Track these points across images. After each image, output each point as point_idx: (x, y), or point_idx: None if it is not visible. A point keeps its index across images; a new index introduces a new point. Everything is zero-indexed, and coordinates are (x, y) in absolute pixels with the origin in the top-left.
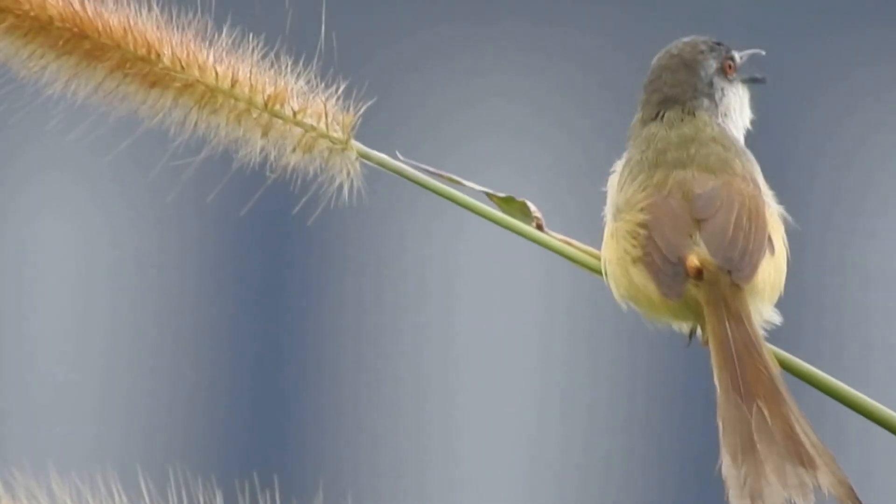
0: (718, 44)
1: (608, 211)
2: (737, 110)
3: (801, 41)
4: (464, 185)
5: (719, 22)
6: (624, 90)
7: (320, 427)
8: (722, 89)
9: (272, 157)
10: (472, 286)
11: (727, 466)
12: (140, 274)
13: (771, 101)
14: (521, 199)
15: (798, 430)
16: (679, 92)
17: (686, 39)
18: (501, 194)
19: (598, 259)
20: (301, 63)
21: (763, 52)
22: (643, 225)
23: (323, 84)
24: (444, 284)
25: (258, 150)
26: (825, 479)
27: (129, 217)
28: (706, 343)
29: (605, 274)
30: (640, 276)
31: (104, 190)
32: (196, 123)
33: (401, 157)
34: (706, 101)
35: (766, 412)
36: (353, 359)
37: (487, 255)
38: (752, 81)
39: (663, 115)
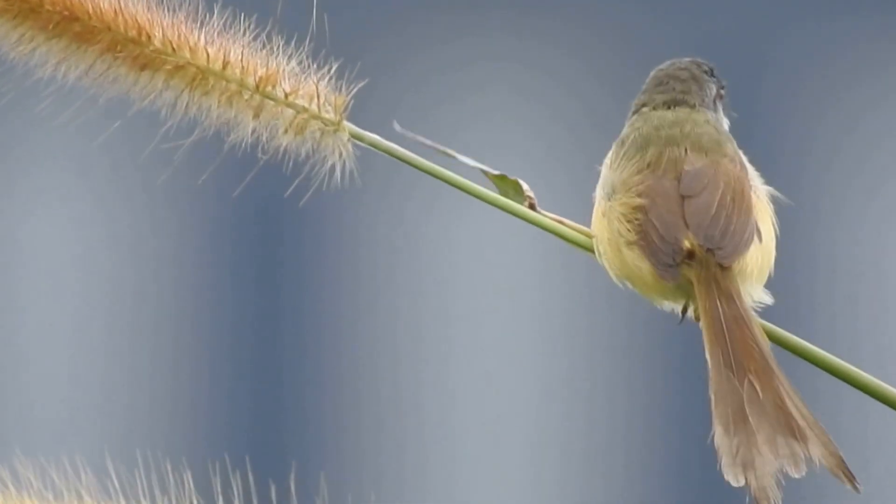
0: (713, 70)
1: (600, 188)
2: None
3: (789, 25)
4: (458, 160)
5: (708, 9)
6: (613, 75)
7: (315, 412)
8: (717, 112)
9: (264, 139)
10: (466, 265)
11: (719, 436)
12: (130, 256)
13: (763, 84)
14: (513, 177)
15: (789, 403)
16: (687, 99)
17: (688, 59)
18: (495, 172)
19: (590, 237)
20: (293, 45)
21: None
22: (639, 209)
23: (315, 66)
24: (438, 264)
25: (250, 131)
26: (816, 451)
27: (120, 199)
28: (699, 319)
29: (598, 253)
30: (635, 258)
31: (95, 172)
32: (187, 105)
33: (398, 128)
34: (709, 112)
35: (757, 386)
36: (347, 339)
37: (480, 235)
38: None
39: (666, 106)
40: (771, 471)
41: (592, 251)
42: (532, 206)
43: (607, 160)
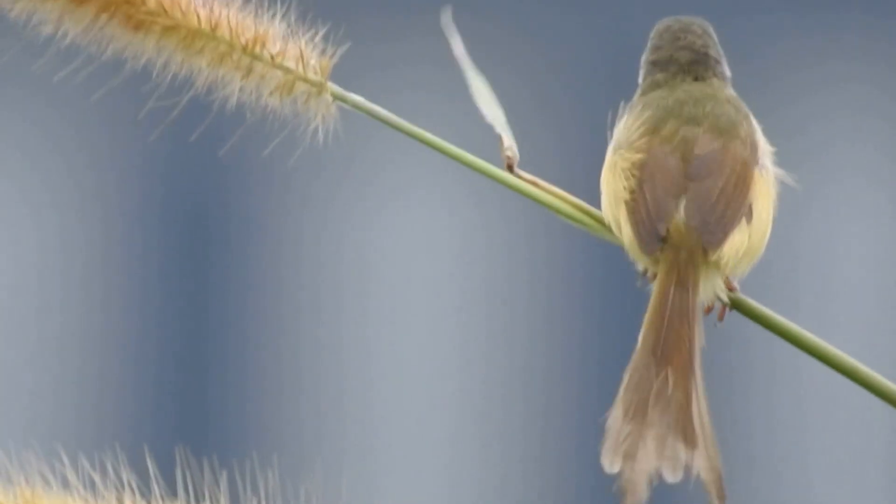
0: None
1: (611, 146)
2: None
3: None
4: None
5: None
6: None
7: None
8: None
9: (251, 99)
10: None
11: (613, 419)
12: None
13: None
14: (496, 133)
15: (694, 406)
16: (710, 53)
17: (694, 19)
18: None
19: (569, 203)
20: (281, 7)
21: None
22: (637, 171)
23: (302, 28)
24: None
25: (238, 92)
26: (700, 462)
27: (113, 155)
28: (643, 285)
29: (602, 202)
30: (623, 217)
31: (91, 128)
32: (179, 66)
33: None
34: (723, 70)
35: (671, 380)
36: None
37: (457, 195)
38: None
39: (687, 76)
40: (648, 468)
41: (570, 217)
42: (510, 167)
43: (626, 114)
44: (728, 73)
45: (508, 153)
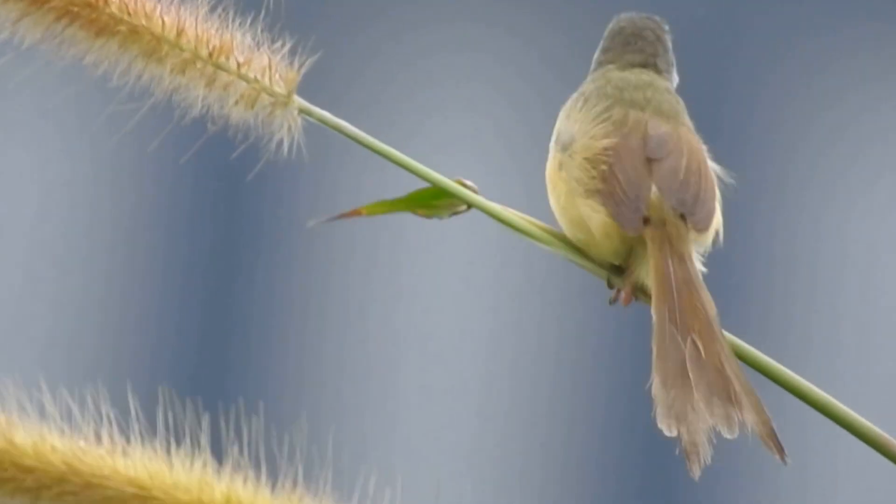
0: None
1: (555, 142)
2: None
3: (751, 13)
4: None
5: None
6: (569, 65)
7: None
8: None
9: (214, 109)
10: (413, 241)
11: (657, 387)
12: (84, 217)
13: (729, 66)
14: (455, 178)
15: (728, 368)
16: (653, 62)
17: (646, 16)
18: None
19: (534, 226)
20: (248, 17)
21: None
22: (604, 159)
23: (269, 39)
24: (385, 238)
25: (200, 101)
26: (750, 417)
27: (72, 162)
28: (614, 301)
29: (554, 209)
30: (591, 209)
31: (47, 135)
32: (141, 72)
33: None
34: (669, 81)
35: (700, 345)
36: (294, 311)
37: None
38: None
39: (627, 65)
40: (704, 427)
41: (534, 237)
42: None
43: (563, 113)
44: (676, 80)
45: (469, 183)
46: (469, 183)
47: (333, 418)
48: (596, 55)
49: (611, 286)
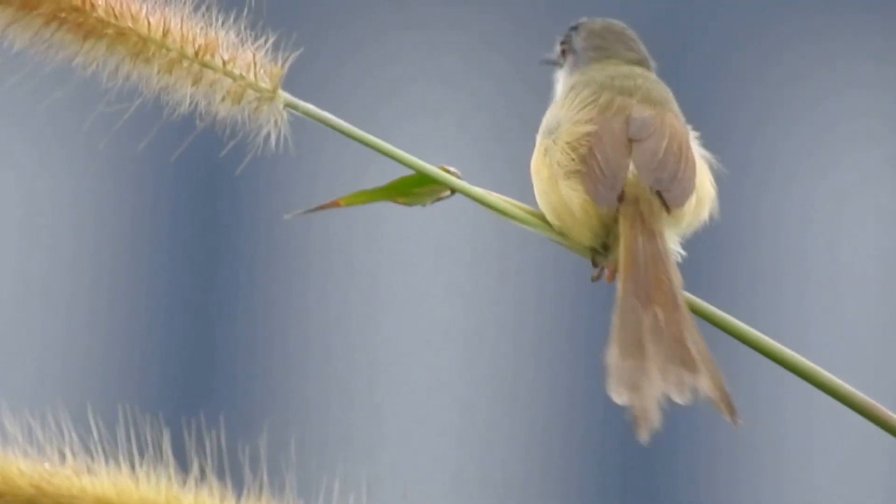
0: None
1: (543, 128)
2: None
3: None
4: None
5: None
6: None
7: (246, 367)
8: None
9: (202, 106)
10: (396, 233)
11: (612, 356)
12: (76, 218)
13: (691, 51)
14: (439, 165)
15: (687, 337)
16: (633, 57)
17: (611, 20)
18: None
19: (519, 209)
20: (232, 15)
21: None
22: (586, 139)
23: (253, 36)
24: (369, 231)
25: (188, 98)
26: (704, 383)
27: (65, 162)
28: (597, 278)
29: (536, 195)
30: (573, 187)
31: (41, 136)
32: (129, 73)
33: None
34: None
35: (660, 317)
36: (278, 305)
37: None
38: None
39: (621, 61)
40: (655, 394)
41: (520, 220)
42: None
43: (555, 102)
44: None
45: (452, 169)
46: (452, 169)
47: (297, 425)
48: (583, 45)
49: (595, 264)
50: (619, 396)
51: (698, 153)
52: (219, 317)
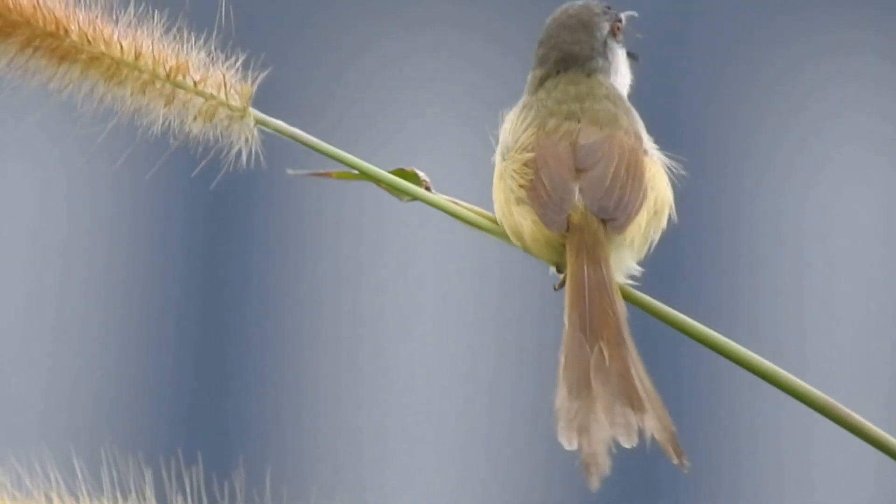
0: (609, 7)
1: (498, 152)
2: (623, 69)
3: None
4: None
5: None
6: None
7: (239, 397)
8: (612, 49)
9: (175, 126)
10: (372, 248)
11: (561, 399)
12: (53, 239)
13: (687, 45)
14: (410, 169)
15: (633, 373)
16: (578, 50)
17: (580, 2)
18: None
19: (483, 217)
20: (202, 36)
21: (637, 15)
22: (531, 164)
23: (223, 56)
24: (346, 246)
25: (161, 118)
26: (651, 423)
27: (42, 183)
28: (561, 286)
29: (497, 215)
30: (523, 214)
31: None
32: (103, 95)
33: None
34: (601, 61)
35: (606, 353)
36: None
37: (384, 217)
38: (629, 56)
39: (563, 72)
40: (604, 438)
41: (485, 229)
42: (428, 189)
43: (506, 125)
44: (611, 62)
45: (426, 180)
46: (421, 174)
47: (272, 458)
48: (533, 61)
49: (559, 271)
50: (569, 442)
51: (656, 159)
52: (189, 348)
